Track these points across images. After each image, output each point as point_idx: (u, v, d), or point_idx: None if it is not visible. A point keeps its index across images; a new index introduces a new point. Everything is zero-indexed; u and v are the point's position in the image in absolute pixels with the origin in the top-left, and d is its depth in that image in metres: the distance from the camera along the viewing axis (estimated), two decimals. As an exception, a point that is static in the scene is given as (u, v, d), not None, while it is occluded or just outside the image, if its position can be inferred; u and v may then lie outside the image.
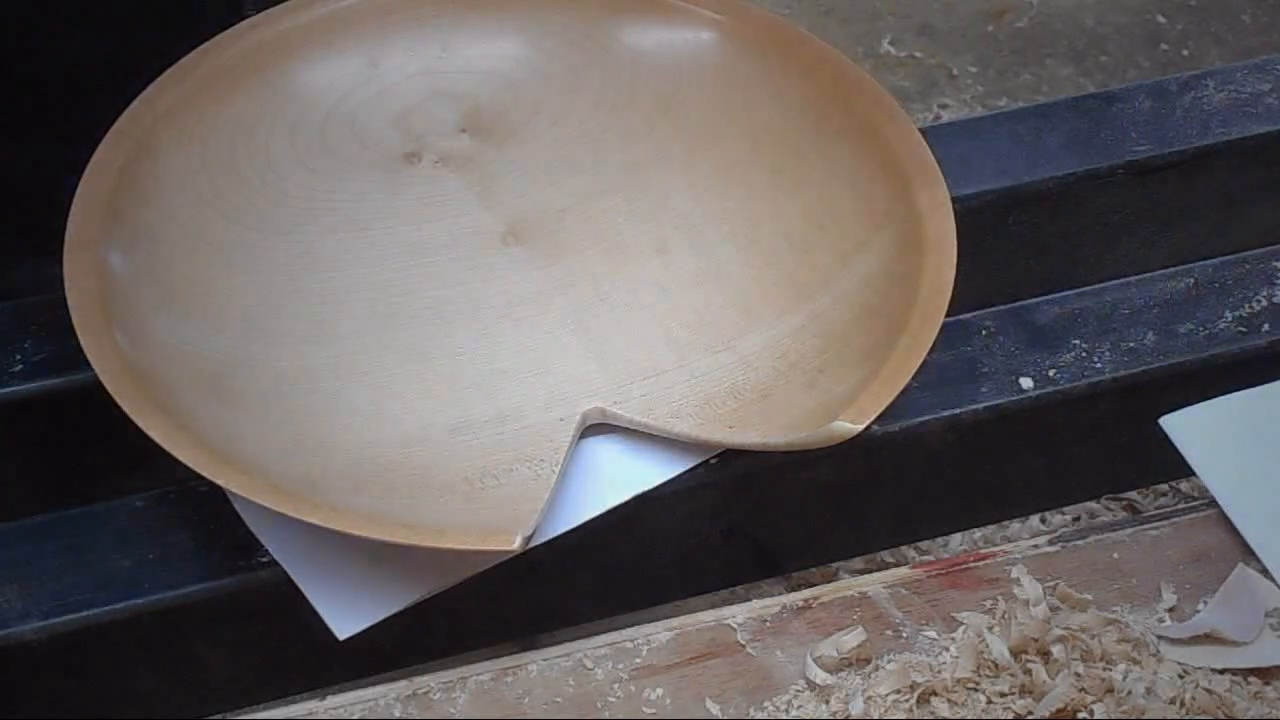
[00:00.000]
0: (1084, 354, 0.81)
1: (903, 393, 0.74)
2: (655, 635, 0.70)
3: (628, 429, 0.75)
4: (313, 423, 0.75)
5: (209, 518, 0.71)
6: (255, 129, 0.85)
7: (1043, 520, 1.65)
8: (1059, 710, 0.66)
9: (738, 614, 0.70)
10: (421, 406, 0.76)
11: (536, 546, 0.71)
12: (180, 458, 0.68)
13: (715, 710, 0.67)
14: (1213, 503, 0.74)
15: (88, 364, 0.71)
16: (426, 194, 0.84)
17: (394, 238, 0.83)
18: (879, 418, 0.74)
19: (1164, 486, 1.61)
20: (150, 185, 0.77)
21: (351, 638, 0.69)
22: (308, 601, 0.70)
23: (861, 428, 0.71)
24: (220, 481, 0.67)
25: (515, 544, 0.67)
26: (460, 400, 0.76)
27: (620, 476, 0.74)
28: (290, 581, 0.71)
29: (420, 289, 0.81)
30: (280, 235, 0.82)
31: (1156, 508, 1.53)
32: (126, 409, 0.69)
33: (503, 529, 0.68)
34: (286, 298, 0.79)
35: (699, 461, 0.75)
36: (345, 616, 0.69)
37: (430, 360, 0.78)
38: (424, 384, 0.77)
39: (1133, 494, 1.63)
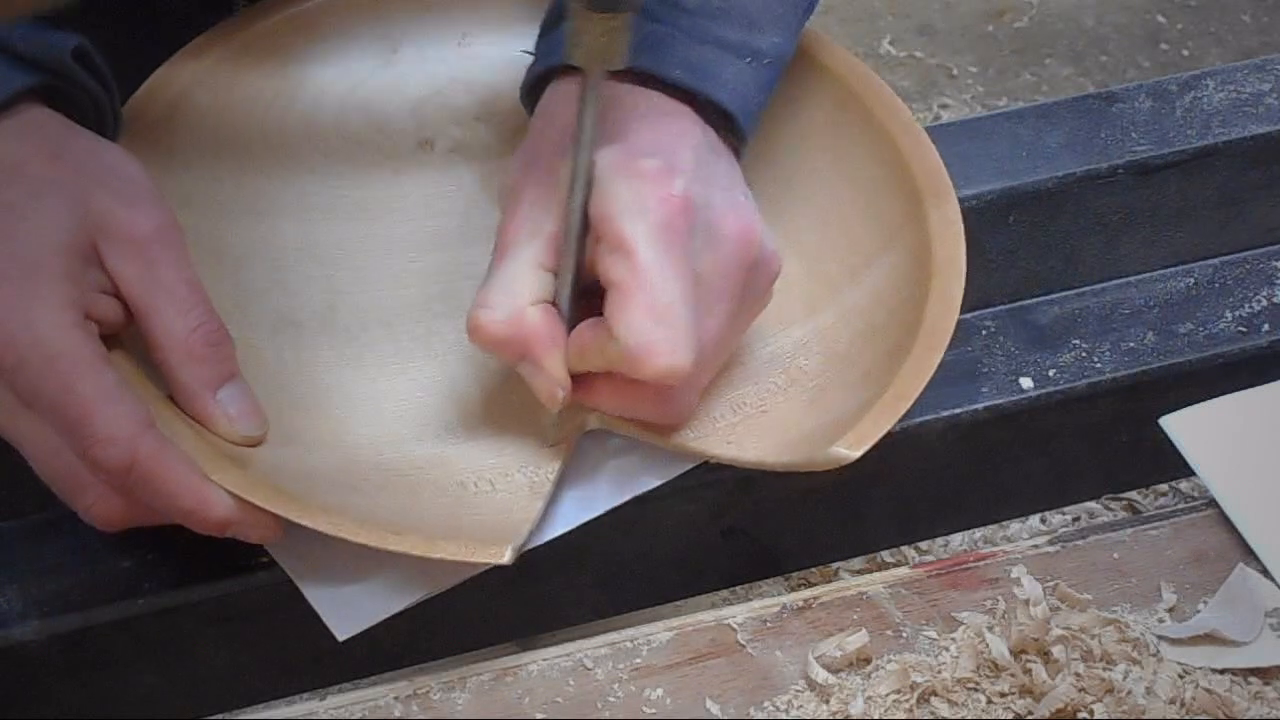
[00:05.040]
0: (1084, 354, 0.81)
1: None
2: (655, 635, 0.70)
3: (624, 438, 0.75)
4: (311, 416, 0.75)
5: (209, 518, 0.71)
6: (270, 110, 0.83)
7: (1043, 520, 1.65)
8: (1059, 710, 0.66)
9: (738, 614, 0.70)
10: (421, 404, 0.76)
11: (536, 547, 0.71)
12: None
13: (715, 710, 0.67)
14: (1213, 503, 0.74)
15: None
16: (439, 183, 0.84)
17: (405, 228, 0.82)
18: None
19: (1164, 486, 1.61)
20: (161, 165, 0.76)
21: (351, 638, 0.69)
22: (307, 602, 0.70)
23: (858, 455, 0.70)
24: (215, 477, 0.67)
25: (506, 558, 0.67)
26: (460, 399, 0.76)
27: (617, 484, 0.74)
28: (290, 582, 0.71)
29: (428, 283, 0.80)
30: (290, 220, 0.81)
31: (1156, 508, 1.54)
32: None
33: (494, 541, 0.67)
34: (292, 285, 0.79)
35: (694, 465, 0.74)
36: (345, 617, 0.69)
37: (434, 356, 0.78)
38: (425, 381, 0.77)
39: (1133, 494, 1.64)
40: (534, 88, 0.79)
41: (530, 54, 0.80)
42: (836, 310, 0.79)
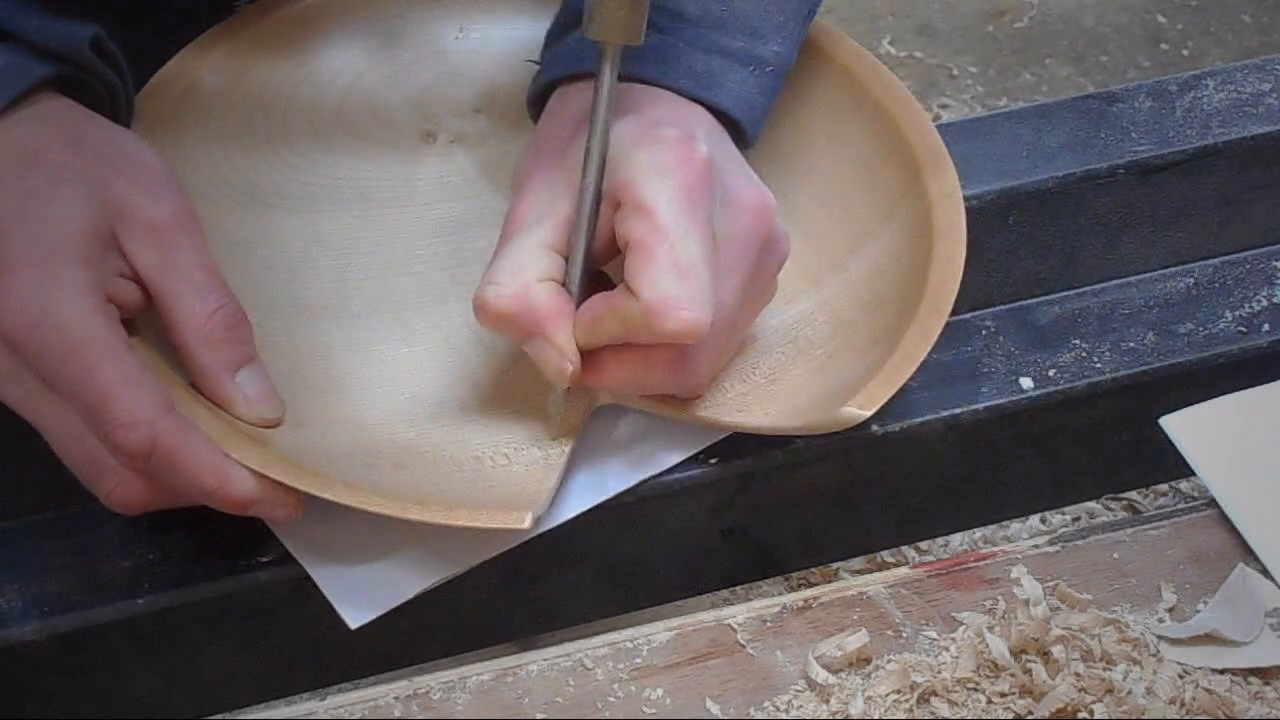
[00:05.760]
0: (1084, 354, 0.81)
1: (903, 392, 0.73)
2: (655, 635, 0.70)
3: (637, 411, 0.75)
4: (325, 398, 0.75)
5: (209, 518, 0.71)
6: (273, 105, 0.85)
7: (1043, 520, 1.65)
8: (1059, 710, 0.66)
9: (738, 614, 0.70)
10: (433, 384, 0.76)
11: (536, 545, 0.71)
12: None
13: (715, 710, 0.67)
14: (1213, 503, 0.74)
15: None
16: (441, 174, 0.84)
17: (408, 217, 0.83)
18: (880, 417, 0.73)
19: (1164, 486, 1.61)
20: (168, 158, 0.77)
21: (353, 634, 0.69)
22: (307, 602, 0.70)
23: (869, 414, 0.71)
24: (234, 455, 0.68)
25: (526, 522, 0.67)
26: (472, 379, 0.77)
27: (629, 461, 0.74)
28: (290, 582, 0.71)
29: (434, 268, 0.81)
30: (295, 212, 0.82)
31: (1156, 508, 1.54)
32: None
33: (513, 507, 0.68)
34: (301, 274, 0.80)
35: (707, 444, 0.75)
36: (357, 606, 0.70)
37: (444, 339, 0.78)
38: (437, 362, 0.77)
39: (1133, 494, 1.64)
40: (540, 97, 0.79)
41: (535, 63, 0.80)
42: (840, 282, 0.80)
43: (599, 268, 0.73)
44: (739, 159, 0.75)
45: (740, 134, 0.76)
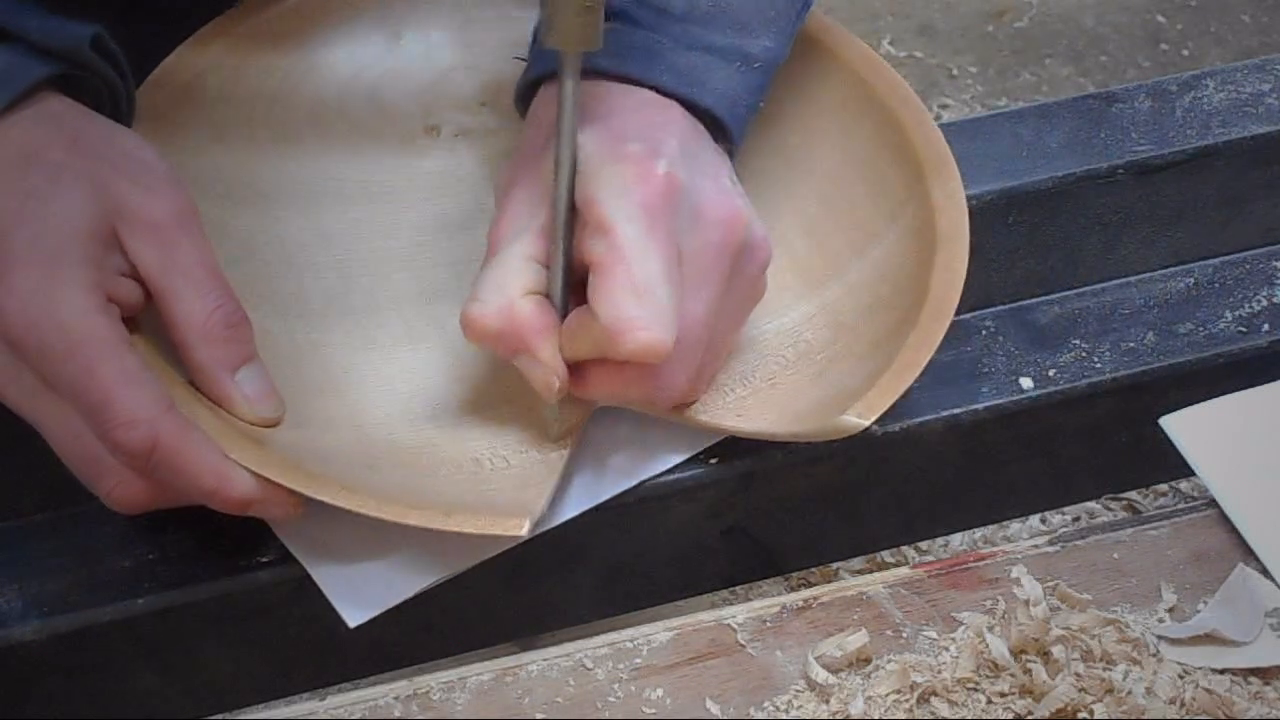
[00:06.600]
0: (1084, 354, 0.81)
1: (905, 391, 0.73)
2: (655, 635, 0.70)
3: (636, 413, 0.75)
4: (325, 398, 0.75)
5: (209, 518, 0.71)
6: (275, 99, 0.84)
7: (1043, 520, 1.65)
8: (1059, 710, 0.66)
9: (738, 614, 0.70)
10: (433, 384, 0.76)
11: (536, 545, 0.71)
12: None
13: (715, 710, 0.67)
14: (1213, 503, 0.74)
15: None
16: (445, 168, 0.84)
17: (411, 213, 0.82)
18: (880, 417, 0.74)
19: (1164, 486, 1.61)
20: (169, 153, 0.77)
21: (353, 634, 0.69)
22: (307, 601, 0.70)
23: (869, 423, 0.71)
24: (233, 455, 0.68)
25: (524, 530, 0.67)
26: (472, 379, 0.76)
27: (628, 461, 0.74)
28: (289, 582, 0.71)
29: (436, 265, 0.80)
30: (297, 208, 0.81)
31: (1156, 508, 1.54)
32: None
33: (512, 513, 0.68)
34: (302, 271, 0.79)
35: (707, 445, 0.75)
36: (356, 605, 0.70)
37: (444, 337, 0.78)
38: (436, 361, 0.77)
39: (1133, 494, 1.64)
40: (527, 94, 0.79)
41: (523, 59, 0.80)
42: (842, 285, 0.79)
43: (584, 275, 0.73)
44: (714, 166, 0.74)
45: (724, 132, 0.76)
